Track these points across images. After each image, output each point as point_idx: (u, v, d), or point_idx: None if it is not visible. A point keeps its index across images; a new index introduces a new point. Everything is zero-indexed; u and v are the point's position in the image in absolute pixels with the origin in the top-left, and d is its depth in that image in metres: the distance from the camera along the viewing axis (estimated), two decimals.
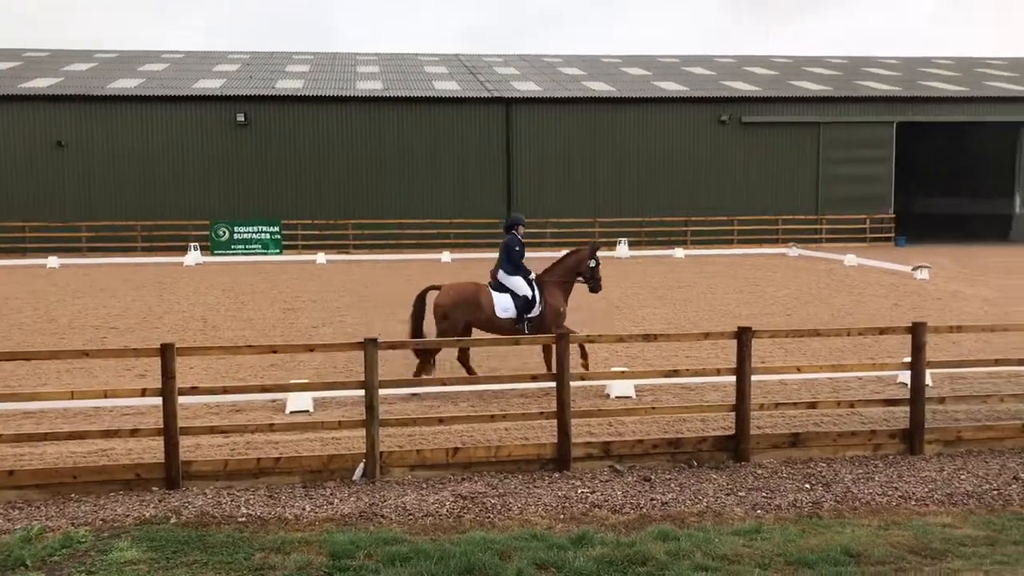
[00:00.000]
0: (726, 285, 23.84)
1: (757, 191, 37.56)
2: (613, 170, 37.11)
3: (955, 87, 41.56)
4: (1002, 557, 6.53)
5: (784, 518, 7.57)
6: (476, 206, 36.39)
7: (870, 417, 10.40)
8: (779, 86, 41.22)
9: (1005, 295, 21.29)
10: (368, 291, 22.71)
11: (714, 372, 10.14)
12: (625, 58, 52.25)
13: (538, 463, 8.84)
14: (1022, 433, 9.60)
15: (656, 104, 37.79)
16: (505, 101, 36.83)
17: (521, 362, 13.59)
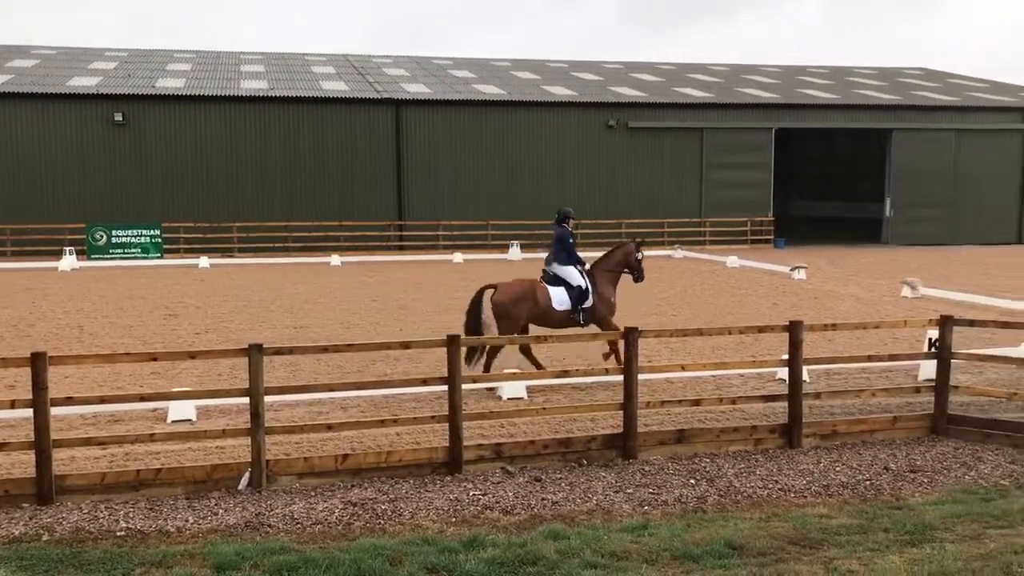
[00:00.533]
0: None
1: (644, 194, 38.38)
2: (504, 173, 37.31)
3: (829, 95, 43.44)
4: (873, 544, 6.84)
5: (670, 513, 7.75)
6: (365, 208, 35.99)
7: (751, 413, 10.76)
8: (664, 92, 42.24)
9: (876, 294, 22.37)
10: (253, 296, 22.18)
11: (603, 372, 10.33)
12: (515, 62, 52.63)
13: (430, 467, 8.80)
14: (892, 426, 10.09)
15: (546, 108, 38.20)
16: (395, 102, 36.58)
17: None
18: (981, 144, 41.42)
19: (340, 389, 10.45)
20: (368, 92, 37.88)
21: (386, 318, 18.46)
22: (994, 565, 6.24)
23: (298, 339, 15.72)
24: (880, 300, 21.20)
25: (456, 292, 22.81)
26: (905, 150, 40.66)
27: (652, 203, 38.35)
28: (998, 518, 7.39)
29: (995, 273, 27.79)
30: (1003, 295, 21.40)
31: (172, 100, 35.06)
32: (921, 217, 40.77)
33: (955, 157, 41.12)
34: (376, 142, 36.24)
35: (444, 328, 16.26)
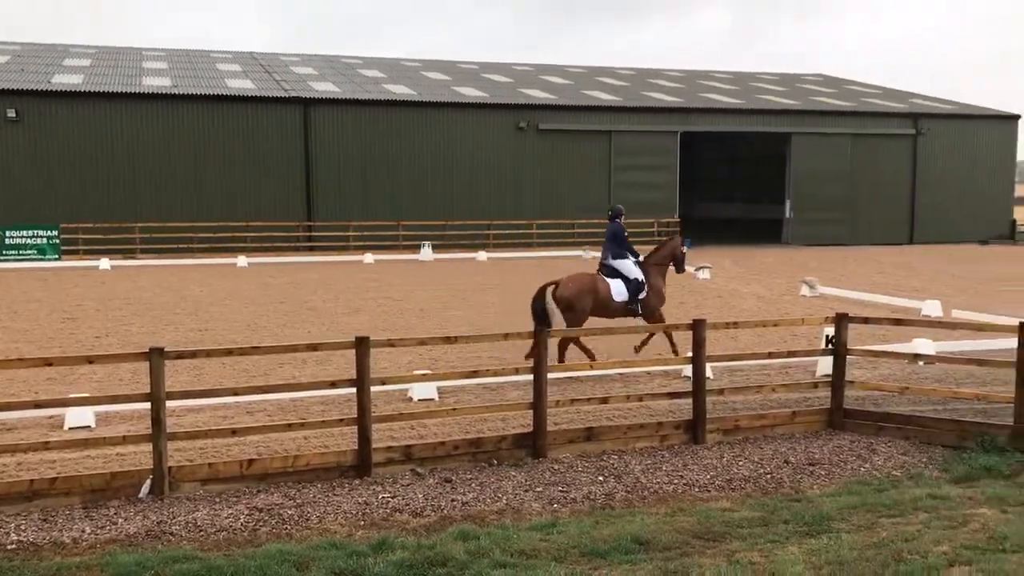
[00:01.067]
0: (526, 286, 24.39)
1: (554, 195, 38.70)
2: (416, 173, 37.12)
3: (732, 100, 44.57)
4: (774, 536, 7.05)
5: (579, 511, 7.85)
6: (273, 209, 35.32)
7: (658, 410, 10.97)
8: (574, 95, 42.69)
9: (776, 293, 23.06)
10: (156, 298, 21.55)
11: (513, 371, 10.39)
12: (425, 62, 52.46)
13: (338, 470, 8.70)
14: (791, 420, 10.43)
15: (457, 109, 38.17)
16: (303, 101, 36.03)
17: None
18: (875, 148, 43.10)
19: (246, 393, 10.27)
20: (276, 91, 37.23)
21: (294, 320, 18.18)
22: (886, 552, 6.51)
23: (203, 342, 15.35)
24: (781, 299, 21.85)
25: (367, 293, 22.63)
26: (804, 153, 42.01)
27: (562, 204, 38.69)
28: (890, 508, 7.71)
29: (889, 272, 28.95)
30: (896, 293, 22.31)
31: (70, 96, 33.77)
32: (820, 218, 42.17)
33: (851, 160, 42.68)
34: (284, 142, 35.62)
35: (354, 330, 16.10)
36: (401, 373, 12.43)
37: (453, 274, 27.85)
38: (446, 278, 26.54)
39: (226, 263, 31.02)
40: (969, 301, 20.92)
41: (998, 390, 11.09)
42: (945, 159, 44.01)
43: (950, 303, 19.94)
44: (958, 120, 45.14)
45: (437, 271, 28.97)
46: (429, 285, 24.67)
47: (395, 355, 13.94)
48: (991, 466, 8.91)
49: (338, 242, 35.56)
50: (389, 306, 20.27)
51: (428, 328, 17.04)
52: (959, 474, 8.77)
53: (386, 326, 17.17)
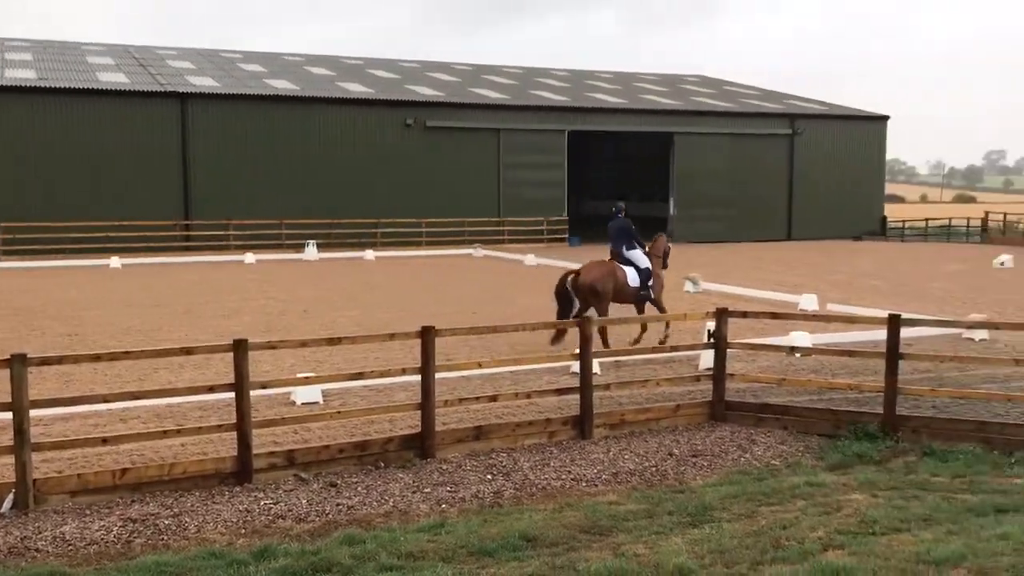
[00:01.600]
0: (415, 285, 24.23)
1: (444, 194, 38.53)
2: (299, 170, 36.33)
3: (617, 99, 45.35)
4: (659, 528, 7.15)
5: (468, 510, 7.79)
6: (149, 207, 33.93)
7: (546, 406, 10.99)
8: (461, 93, 42.63)
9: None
10: (20, 302, 20.43)
11: (400, 372, 10.24)
12: (309, 57, 51.47)
13: (217, 478, 8.39)
14: (675, 413, 10.63)
15: (342, 105, 37.55)
16: (180, 96, 34.79)
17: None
18: (754, 147, 44.58)
19: (118, 399, 9.76)
20: (151, 85, 35.85)
21: (171, 323, 17.51)
22: (765, 540, 6.68)
23: (73, 347, 14.60)
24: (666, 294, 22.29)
25: (248, 294, 22.00)
26: (686, 153, 43.09)
27: (452, 202, 38.56)
28: (769, 496, 7.92)
29: (768, 268, 29.97)
30: (775, 288, 23.09)
31: None
32: (702, 216, 43.33)
33: (731, 159, 44.02)
34: (160, 137, 34.29)
35: (234, 332, 15.61)
36: (283, 376, 12.09)
37: (339, 274, 27.39)
38: (332, 278, 26.08)
39: (98, 264, 29.65)
40: (843, 295, 21.84)
41: (869, 380, 11.57)
42: (820, 158, 45.88)
43: (825, 297, 20.76)
44: (832, 120, 47.14)
45: (322, 271, 28.44)
46: (314, 285, 24.18)
47: (277, 358, 13.58)
48: (863, 453, 9.28)
49: (218, 242, 34.48)
50: (271, 307, 19.77)
51: (312, 329, 16.67)
52: (833, 461, 9.10)
53: (268, 328, 16.73)
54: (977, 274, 27.43)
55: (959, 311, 18.93)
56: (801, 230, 45.05)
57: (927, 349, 13.75)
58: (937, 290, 23.22)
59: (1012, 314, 18.65)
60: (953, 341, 15.22)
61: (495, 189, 39.64)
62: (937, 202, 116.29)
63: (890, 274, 27.41)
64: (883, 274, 27.39)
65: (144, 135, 34.07)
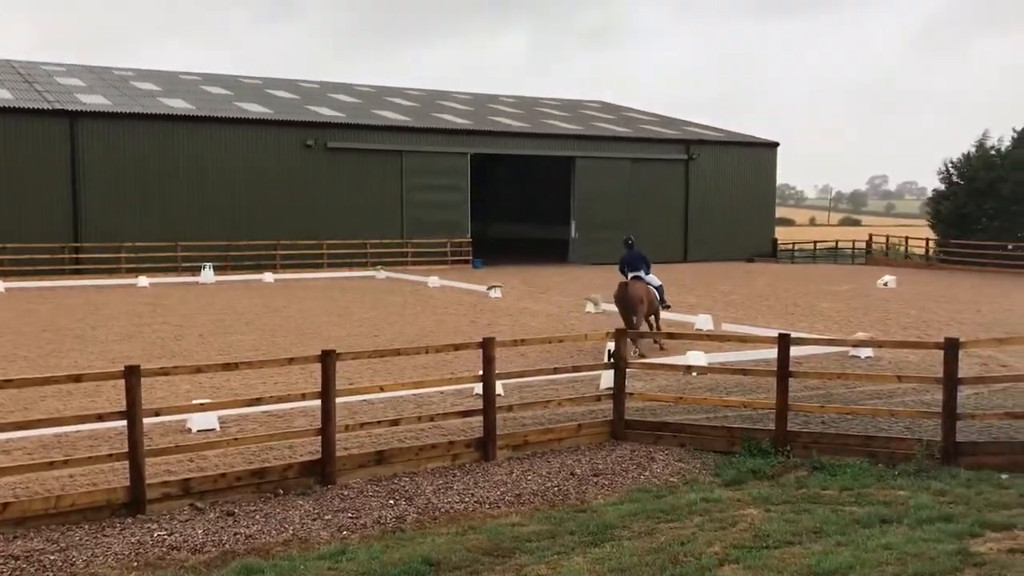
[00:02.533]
0: (316, 308, 23.89)
1: (346, 215, 38.14)
2: (195, 192, 35.44)
3: (519, 123, 45.82)
4: (561, 548, 7.21)
5: (369, 536, 7.70)
6: (34, 229, 32.46)
7: (450, 429, 10.97)
8: (363, 114, 42.39)
9: (564, 310, 23.83)
10: None
11: (299, 397, 10.07)
12: (205, 76, 50.40)
13: (108, 509, 8.10)
14: (577, 433, 10.75)
15: (240, 125, 36.85)
16: (69, 114, 33.56)
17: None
18: (652, 172, 45.63)
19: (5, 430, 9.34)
20: (37, 102, 34.48)
21: (59, 349, 16.81)
22: (664, 556, 6.81)
23: None
24: (568, 315, 22.60)
25: (141, 319, 21.32)
26: (587, 176, 43.79)
27: (355, 224, 38.18)
28: (668, 513, 8.09)
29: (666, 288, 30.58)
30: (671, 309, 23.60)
31: None
32: (602, 238, 43.95)
33: (630, 183, 44.94)
34: (47, 157, 32.94)
35: (127, 358, 15.10)
36: (178, 403, 11.75)
37: (237, 297, 26.80)
38: (229, 301, 25.49)
39: None
40: (737, 315, 22.50)
41: (761, 397, 11.94)
42: (714, 182, 47.27)
43: (720, 317, 21.36)
44: (725, 146, 48.67)
45: (219, 294, 27.78)
46: (210, 309, 23.58)
47: (172, 384, 13.19)
48: (757, 468, 9.56)
49: (109, 264, 33.28)
50: (166, 332, 19.19)
51: (209, 355, 16.26)
52: (729, 477, 9.35)
53: (162, 353, 16.24)
54: (862, 294, 28.65)
55: (846, 330, 19.73)
56: (696, 252, 46.25)
57: (816, 367, 14.27)
58: (826, 309, 24.15)
59: (895, 332, 19.54)
60: (840, 359, 15.84)
61: (398, 211, 39.46)
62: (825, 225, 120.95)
63: (781, 294, 28.38)
64: (775, 294, 28.34)
65: (30, 154, 32.68)
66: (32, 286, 29.44)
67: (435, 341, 17.73)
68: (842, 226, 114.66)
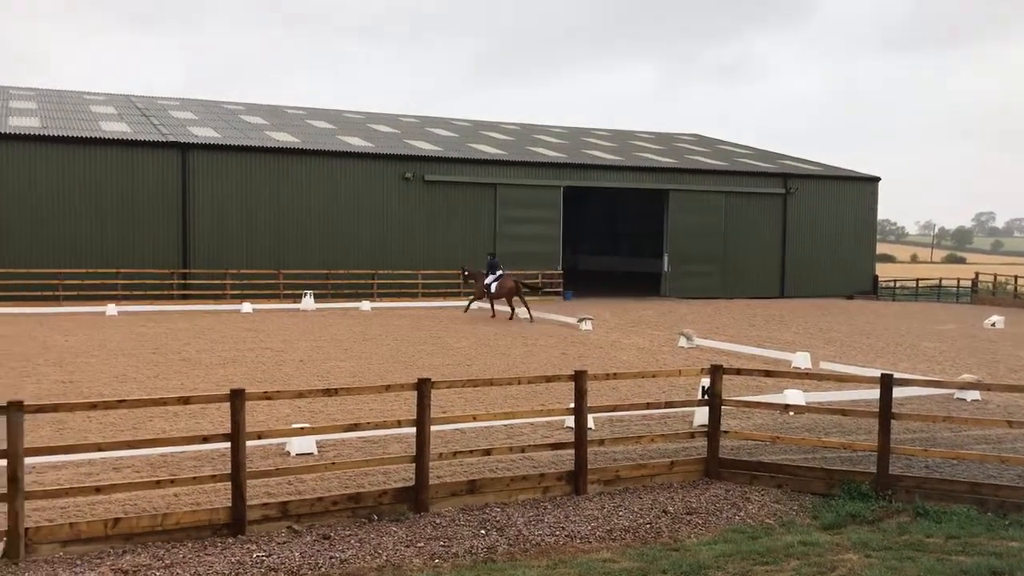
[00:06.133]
0: (411, 336, 24.26)
1: (440, 246, 38.75)
2: (298, 222, 36.56)
3: (612, 156, 45.87)
4: None
5: (461, 565, 7.76)
6: (147, 256, 34.06)
7: (540, 461, 10.99)
8: (459, 148, 43.11)
9: (656, 344, 23.61)
10: (16, 348, 20.40)
11: (395, 424, 10.24)
12: (310, 110, 52.10)
13: (211, 529, 8.37)
14: (670, 470, 10.63)
15: (342, 158, 37.93)
16: (181, 146, 35.14)
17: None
18: (747, 205, 45.01)
19: (111, 448, 9.77)
20: (152, 135, 36.21)
21: (167, 371, 17.49)
22: None
23: (67, 395, 14.58)
24: (660, 350, 22.38)
25: (244, 344, 22.01)
26: (680, 210, 43.47)
27: (449, 254, 38.75)
28: (764, 555, 7.91)
29: (761, 325, 30.07)
30: (768, 345, 23.18)
31: None
32: (696, 272, 43.58)
33: (725, 217, 44.41)
34: (160, 187, 34.53)
35: (229, 382, 15.63)
36: (278, 427, 12.09)
37: (335, 324, 27.43)
38: (328, 328, 26.11)
39: (95, 312, 29.67)
40: (836, 353, 21.92)
41: (862, 439, 11.60)
42: (812, 217, 46.32)
43: (818, 355, 20.84)
44: (824, 180, 47.67)
45: (319, 321, 28.48)
46: (310, 335, 24.20)
47: (273, 408, 13.58)
48: (857, 512, 9.28)
49: (215, 290, 34.54)
50: (268, 357, 19.77)
51: (308, 380, 16.69)
52: (827, 521, 9.10)
53: (264, 378, 16.72)
54: (968, 334, 27.57)
55: (950, 371, 19.01)
56: (794, 288, 45.30)
57: (919, 409, 13.79)
58: (928, 349, 23.32)
59: (1003, 375, 18.74)
60: (945, 401, 15.27)
61: (491, 242, 39.87)
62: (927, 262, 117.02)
63: (882, 333, 27.53)
64: (875, 333, 27.51)
65: (145, 184, 34.31)
66: (142, 310, 30.73)
67: (526, 372, 17.80)
68: (946, 263, 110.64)
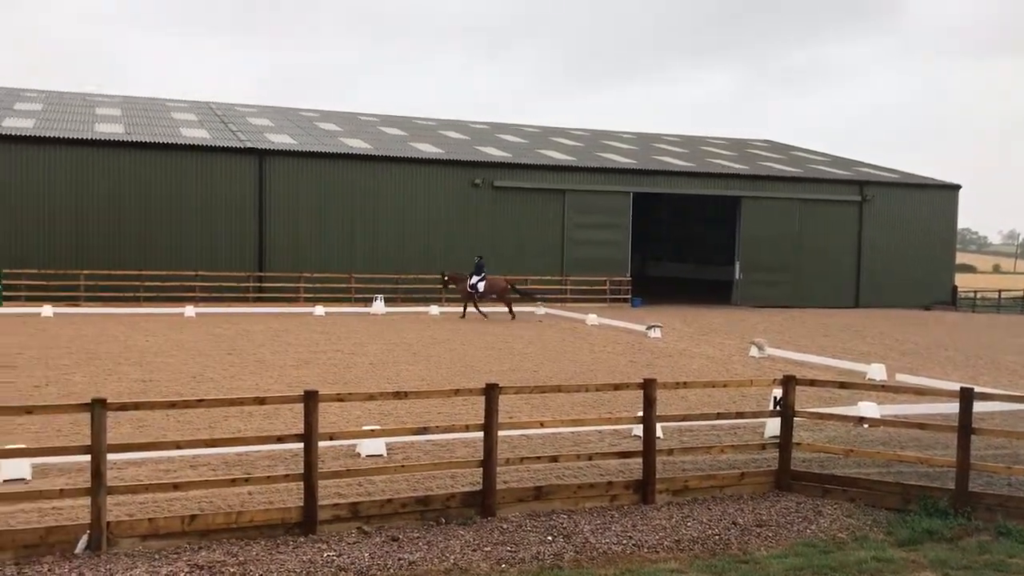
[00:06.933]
0: (478, 341, 24.40)
1: (508, 252, 38.89)
2: (370, 227, 37.10)
3: (683, 162, 45.48)
4: None
5: (527, 571, 7.77)
6: (224, 259, 34.97)
7: (607, 469, 10.94)
8: (529, 154, 43.22)
9: (726, 353, 23.31)
10: (99, 347, 21.11)
11: (463, 428, 10.32)
12: (382, 118, 52.81)
13: (283, 528, 8.53)
14: (739, 481, 10.49)
15: (413, 164, 38.38)
16: (258, 152, 35.95)
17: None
18: (822, 214, 44.15)
19: (189, 446, 10.06)
20: (231, 141, 37.13)
21: (242, 372, 17.91)
22: None
23: (146, 393, 15.03)
24: (730, 359, 22.09)
25: (316, 346, 22.40)
26: (753, 217, 42.86)
27: (516, 260, 38.88)
28: (835, 570, 7.76)
29: (835, 335, 29.46)
30: (842, 356, 22.69)
31: (18, 140, 33.29)
32: (768, 280, 42.91)
33: (798, 224, 43.65)
34: (238, 192, 35.42)
35: (303, 383, 15.93)
36: (350, 428, 12.28)
37: (405, 328, 27.74)
38: (398, 332, 26.41)
39: (174, 312, 30.54)
40: (912, 365, 21.36)
41: (940, 454, 11.29)
42: (889, 225, 45.22)
43: (894, 367, 20.34)
44: (902, 188, 46.53)
45: (389, 325, 28.83)
46: (380, 339, 24.51)
47: (344, 409, 13.79)
48: (934, 529, 9.03)
49: (289, 293, 35.27)
50: (339, 359, 20.09)
51: (378, 382, 16.91)
52: (903, 537, 8.87)
53: (335, 379, 17.00)
54: None
55: None
56: (869, 298, 44.28)
57: (1002, 425, 13.36)
58: (1011, 363, 22.56)
59: None
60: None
61: (559, 248, 39.89)
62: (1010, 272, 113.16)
63: (961, 345, 26.73)
64: (954, 345, 26.72)
65: (223, 189, 35.23)
66: (219, 311, 31.51)
67: (593, 380, 17.75)
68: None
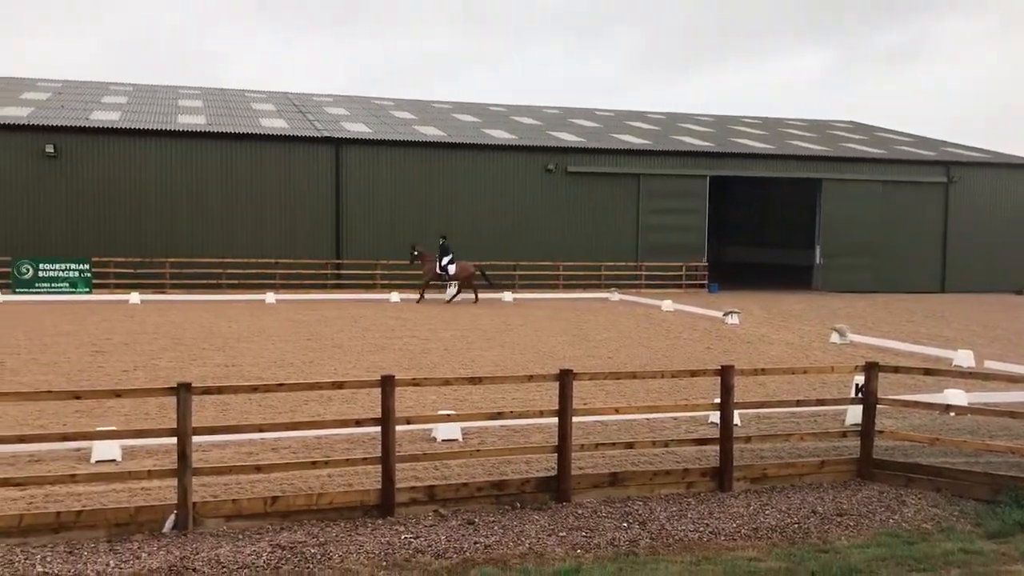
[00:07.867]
0: (552, 328, 24.40)
1: (581, 237, 38.76)
2: (444, 213, 37.36)
3: (761, 144, 44.60)
4: None
5: (603, 557, 7.76)
6: (303, 246, 35.66)
7: (684, 456, 10.85)
8: (602, 138, 42.93)
9: (806, 339, 22.85)
10: (184, 333, 21.75)
11: (537, 414, 10.33)
12: (456, 104, 53.04)
13: (361, 510, 8.68)
14: (819, 469, 10.28)
15: (486, 151, 38.48)
16: (335, 141, 36.50)
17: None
18: (907, 196, 42.85)
19: (270, 430, 10.29)
20: (308, 130, 37.76)
21: (321, 357, 18.25)
22: None
23: (229, 378, 15.44)
24: (810, 345, 21.65)
25: (392, 332, 22.70)
26: (834, 199, 41.84)
27: (590, 246, 38.74)
28: (920, 561, 7.56)
29: (920, 321, 28.63)
30: (927, 342, 22.04)
31: (106, 133, 34.44)
32: (850, 265, 41.88)
33: (882, 207, 42.45)
34: (315, 180, 36.05)
35: (379, 368, 16.16)
36: (426, 413, 12.42)
37: (479, 314, 27.89)
38: (472, 318, 26.58)
39: (255, 299, 31.29)
40: (1002, 351, 20.62)
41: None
42: (977, 207, 43.66)
43: (983, 353, 19.66)
44: (990, 168, 44.83)
45: (462, 311, 29.02)
46: (454, 325, 24.70)
47: (420, 394, 13.95)
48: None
49: (365, 280, 35.79)
50: (414, 345, 20.32)
51: (453, 367, 17.05)
52: (992, 529, 8.59)
53: (411, 365, 17.20)
54: None
55: None
56: (956, 282, 42.87)
57: None
58: None
59: None
60: None
61: (634, 233, 39.57)
62: None
63: None
64: None
65: (301, 178, 35.89)
66: (298, 298, 32.17)
67: (669, 366, 17.60)
68: None
